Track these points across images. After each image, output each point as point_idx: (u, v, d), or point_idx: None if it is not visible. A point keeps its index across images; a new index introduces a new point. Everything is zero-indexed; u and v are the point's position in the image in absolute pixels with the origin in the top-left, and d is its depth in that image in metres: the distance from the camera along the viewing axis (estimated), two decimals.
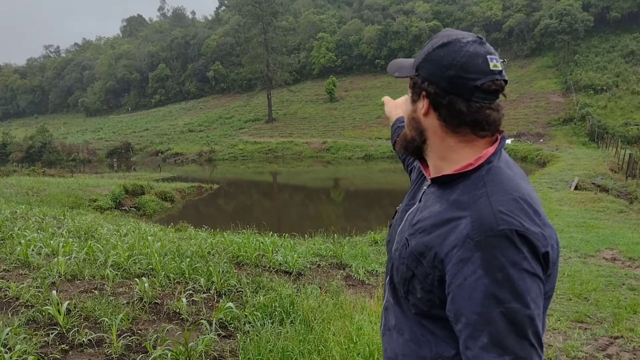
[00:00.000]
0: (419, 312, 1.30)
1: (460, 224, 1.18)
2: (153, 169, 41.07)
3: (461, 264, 1.15)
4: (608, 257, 7.98)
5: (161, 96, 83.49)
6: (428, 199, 1.35)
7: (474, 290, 1.12)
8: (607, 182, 19.58)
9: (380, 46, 68.56)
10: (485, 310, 1.11)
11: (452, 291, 1.17)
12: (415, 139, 1.36)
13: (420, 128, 1.34)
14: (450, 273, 1.17)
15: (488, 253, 1.12)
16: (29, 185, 19.12)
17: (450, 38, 1.27)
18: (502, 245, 1.12)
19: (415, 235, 1.30)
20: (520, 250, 1.13)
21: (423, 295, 1.26)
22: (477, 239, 1.14)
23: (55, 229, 8.20)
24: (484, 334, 1.11)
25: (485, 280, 1.11)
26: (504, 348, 1.10)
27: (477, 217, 1.17)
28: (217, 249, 6.79)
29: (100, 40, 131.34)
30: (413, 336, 1.33)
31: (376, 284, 6.17)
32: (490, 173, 1.25)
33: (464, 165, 1.27)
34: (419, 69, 1.31)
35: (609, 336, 4.60)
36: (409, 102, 1.37)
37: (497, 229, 1.13)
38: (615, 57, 51.77)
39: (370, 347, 3.51)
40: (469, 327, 1.13)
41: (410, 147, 1.39)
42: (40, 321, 3.88)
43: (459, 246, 1.16)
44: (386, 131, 47.48)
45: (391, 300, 1.43)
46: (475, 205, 1.19)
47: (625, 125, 38.54)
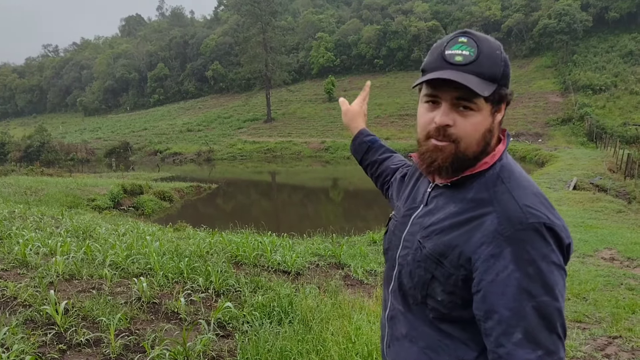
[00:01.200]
0: (438, 316, 1.28)
1: (486, 220, 1.19)
2: (151, 169, 41.02)
3: (492, 260, 1.15)
4: (606, 257, 7.99)
5: (160, 96, 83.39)
6: (438, 201, 1.34)
7: (506, 286, 1.12)
8: (606, 182, 19.59)
9: (379, 46, 68.56)
10: (518, 305, 1.11)
11: (483, 288, 1.16)
12: (479, 152, 1.28)
13: (491, 138, 1.29)
14: (480, 270, 1.17)
15: (519, 247, 1.13)
16: (27, 185, 19.09)
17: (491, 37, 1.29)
18: (532, 239, 1.13)
19: (430, 237, 1.28)
20: (549, 242, 1.14)
21: (444, 298, 1.25)
22: (507, 234, 1.14)
23: (53, 229, 8.18)
24: (518, 330, 1.11)
25: (517, 275, 1.12)
26: (537, 343, 1.10)
27: (503, 213, 1.17)
28: (216, 249, 6.78)
29: (98, 40, 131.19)
30: (430, 343, 1.30)
31: (375, 283, 6.16)
32: (503, 170, 1.27)
33: (480, 164, 1.28)
34: (502, 78, 1.26)
35: (608, 336, 4.60)
36: (487, 116, 1.26)
37: (526, 222, 1.14)
38: (613, 57, 51.85)
39: (369, 347, 3.50)
40: (502, 324, 1.13)
41: (466, 164, 1.28)
42: (38, 321, 3.87)
43: (487, 242, 1.16)
44: (385, 130, 47.54)
45: (400, 308, 1.39)
46: (499, 202, 1.20)
47: (624, 125, 38.57)
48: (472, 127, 1.25)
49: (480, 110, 1.24)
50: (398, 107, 53.54)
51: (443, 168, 1.28)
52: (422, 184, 1.46)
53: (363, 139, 1.97)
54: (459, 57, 1.23)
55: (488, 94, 1.21)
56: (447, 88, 1.23)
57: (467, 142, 1.25)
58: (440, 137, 1.26)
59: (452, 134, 1.25)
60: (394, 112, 52.49)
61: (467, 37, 1.25)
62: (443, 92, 1.25)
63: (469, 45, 1.24)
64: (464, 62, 1.22)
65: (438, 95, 1.26)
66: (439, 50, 1.27)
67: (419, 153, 1.34)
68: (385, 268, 1.52)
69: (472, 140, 1.25)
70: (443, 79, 1.22)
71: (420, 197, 1.42)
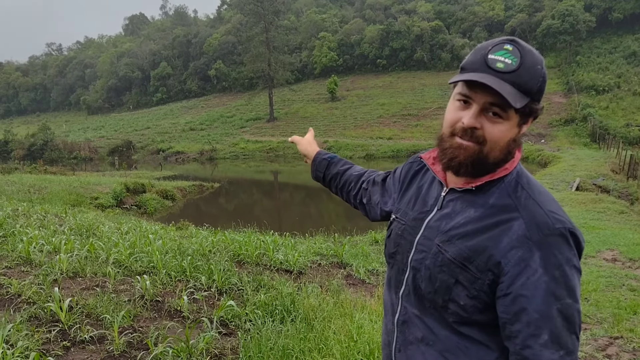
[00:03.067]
0: (459, 320, 1.29)
1: (513, 225, 1.21)
2: (154, 168, 41.08)
3: (522, 263, 1.18)
4: (608, 258, 7.98)
5: (163, 94, 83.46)
6: (455, 205, 1.34)
7: (536, 289, 1.16)
8: (608, 183, 19.56)
9: (382, 46, 68.51)
10: (546, 308, 1.15)
11: (514, 291, 1.18)
12: (499, 161, 1.29)
13: (514, 147, 1.31)
14: (510, 274, 1.19)
15: (547, 252, 1.17)
16: (31, 183, 19.13)
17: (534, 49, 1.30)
18: (559, 244, 1.18)
19: (452, 241, 1.29)
20: (572, 247, 1.19)
21: (467, 302, 1.26)
22: (536, 239, 1.18)
23: (57, 227, 8.21)
24: (545, 332, 1.15)
25: (545, 279, 1.16)
26: (560, 344, 1.16)
27: (530, 218, 1.20)
28: (218, 248, 6.80)
29: (102, 39, 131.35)
30: (449, 346, 1.31)
31: (376, 283, 6.18)
32: (520, 176, 1.30)
33: (500, 170, 1.30)
34: (538, 92, 1.26)
35: (609, 336, 4.61)
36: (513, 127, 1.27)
37: (553, 227, 1.18)
38: (617, 58, 51.78)
39: (371, 346, 3.52)
40: (530, 326, 1.16)
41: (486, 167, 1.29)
42: (42, 318, 3.89)
43: (517, 247, 1.19)
44: (387, 130, 47.52)
45: (415, 312, 1.38)
46: (524, 207, 1.23)
47: (627, 126, 38.51)
48: (499, 134, 1.26)
49: (509, 120, 1.25)
50: (401, 107, 53.50)
51: (463, 165, 1.29)
52: (433, 187, 1.45)
53: (322, 157, 2.08)
54: (501, 64, 1.23)
55: (520, 107, 1.21)
56: (481, 92, 1.24)
57: (491, 147, 1.26)
58: (466, 138, 1.27)
59: (480, 136, 1.26)
60: (396, 112, 52.44)
61: (513, 46, 1.25)
62: (477, 94, 1.25)
63: (513, 54, 1.24)
64: (504, 69, 1.22)
65: (471, 97, 1.27)
66: (483, 53, 1.27)
67: (441, 148, 1.34)
68: (392, 271, 1.50)
69: (496, 146, 1.27)
70: (480, 82, 1.22)
71: (433, 201, 1.42)
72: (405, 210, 1.50)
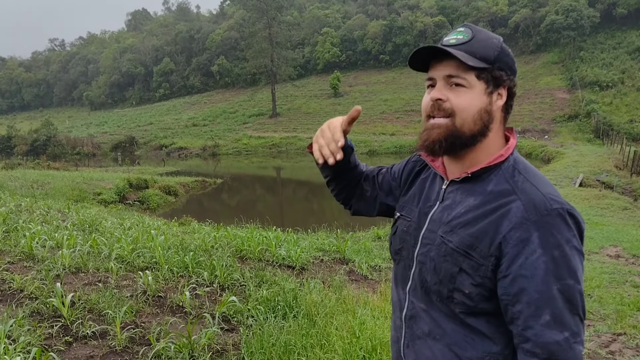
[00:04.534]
0: (465, 310, 1.29)
1: (511, 208, 1.23)
2: (157, 163, 41.11)
3: (521, 244, 1.19)
4: (612, 254, 7.96)
5: (165, 90, 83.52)
6: (455, 196, 1.36)
7: (535, 269, 1.17)
8: (612, 179, 19.51)
9: (385, 41, 68.39)
10: (546, 288, 1.16)
11: (513, 272, 1.20)
12: (477, 133, 1.31)
13: (490, 121, 1.32)
14: (509, 255, 1.20)
15: (545, 231, 1.18)
16: (34, 178, 19.17)
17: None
18: (557, 224, 1.19)
19: (454, 231, 1.30)
20: (571, 228, 1.20)
21: (472, 290, 1.26)
22: (534, 219, 1.19)
23: (59, 222, 8.22)
24: (546, 312, 1.16)
25: (545, 259, 1.17)
26: (563, 324, 1.16)
27: (528, 200, 1.22)
28: (221, 243, 6.80)
29: (105, 34, 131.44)
30: (456, 339, 1.31)
31: (379, 279, 6.17)
32: (517, 162, 1.32)
33: (496, 157, 1.32)
34: (496, 61, 1.30)
35: (612, 333, 4.60)
36: (481, 95, 1.29)
37: (550, 208, 1.20)
38: (621, 53, 51.53)
39: (373, 342, 3.51)
40: (530, 306, 1.17)
41: (462, 142, 1.31)
42: (44, 313, 3.89)
43: (516, 228, 1.20)
44: (390, 126, 47.47)
45: (422, 306, 1.39)
46: (521, 190, 1.25)
47: (631, 122, 38.37)
48: (465, 103, 1.29)
49: (472, 87, 1.29)
50: (404, 102, 53.40)
51: (437, 142, 1.31)
52: (435, 182, 1.47)
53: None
54: (453, 40, 1.31)
55: (472, 64, 1.25)
56: (439, 67, 1.31)
57: (462, 118, 1.29)
58: (435, 112, 1.31)
59: (447, 108, 1.30)
60: (399, 108, 52.36)
61: (465, 27, 1.33)
62: (436, 71, 1.32)
63: (465, 32, 1.32)
64: (456, 43, 1.30)
65: (433, 77, 1.33)
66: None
67: (419, 135, 1.38)
68: (398, 268, 1.51)
69: (466, 115, 1.29)
70: (434, 56, 1.32)
71: (435, 196, 1.43)
72: (410, 207, 1.50)
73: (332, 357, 3.35)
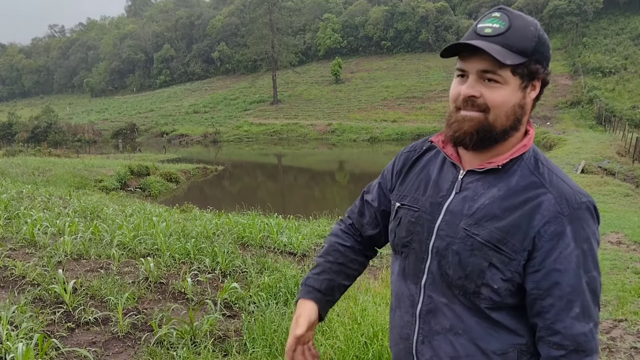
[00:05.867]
0: (491, 305, 1.25)
1: (543, 202, 1.22)
2: (158, 150, 41.11)
3: (556, 238, 1.19)
4: (613, 241, 7.96)
5: (166, 77, 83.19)
6: (476, 187, 1.30)
7: (569, 263, 1.19)
8: (614, 165, 19.47)
9: (387, 27, 67.89)
10: (577, 281, 1.19)
11: (547, 266, 1.20)
12: (509, 127, 1.27)
13: (522, 114, 1.29)
14: (544, 249, 1.20)
15: (577, 225, 1.20)
16: (35, 165, 19.18)
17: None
18: (586, 217, 1.21)
19: (480, 224, 1.25)
20: (596, 221, 1.24)
21: (501, 285, 1.23)
22: (567, 213, 1.20)
23: (61, 209, 8.24)
24: (577, 304, 1.18)
25: (577, 252, 1.19)
26: (590, 316, 1.20)
27: (559, 193, 1.22)
28: (222, 230, 6.81)
29: (104, 20, 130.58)
30: (480, 333, 1.28)
31: (380, 265, 6.18)
32: (537, 153, 1.32)
33: (518, 148, 1.30)
34: (533, 54, 1.23)
35: (613, 319, 4.61)
36: (516, 90, 1.25)
37: (580, 202, 1.21)
38: (624, 39, 51.18)
39: (374, 328, 3.52)
40: (563, 300, 1.19)
41: (494, 137, 1.27)
42: (46, 300, 3.91)
43: (550, 222, 1.20)
44: (392, 113, 47.32)
45: (443, 300, 1.32)
46: (550, 183, 1.24)
47: (633, 108, 38.24)
48: (500, 99, 1.24)
49: (507, 84, 1.23)
50: (405, 89, 53.20)
51: (468, 134, 1.27)
52: (445, 171, 1.39)
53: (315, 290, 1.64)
54: (489, 29, 1.23)
55: (510, 63, 1.20)
56: (473, 60, 1.24)
57: (495, 113, 1.25)
58: (468, 107, 1.27)
59: (481, 104, 1.25)
60: (401, 95, 52.16)
61: (501, 12, 1.25)
62: (469, 64, 1.25)
63: (501, 19, 1.24)
64: (492, 33, 1.22)
65: (465, 68, 1.27)
66: (473, 25, 1.28)
67: (448, 124, 1.33)
68: (407, 261, 1.43)
69: (500, 112, 1.25)
70: (468, 49, 1.23)
71: (449, 185, 1.36)
72: (415, 196, 1.43)
73: (334, 343, 3.36)
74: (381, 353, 3.25)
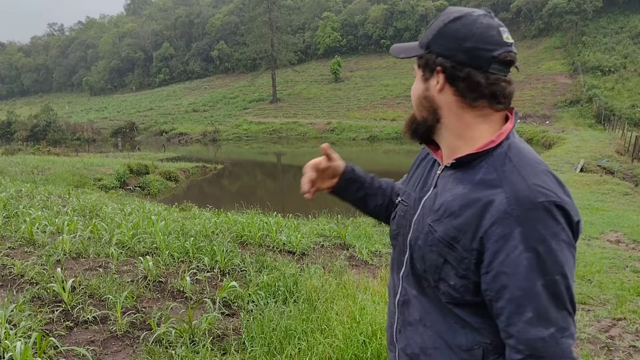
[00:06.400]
0: (451, 300, 1.27)
1: (495, 200, 1.17)
2: (157, 149, 41.09)
3: (502, 240, 1.14)
4: (612, 240, 7.97)
5: (165, 75, 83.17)
6: (446, 183, 1.31)
7: (517, 266, 1.13)
8: (613, 164, 19.48)
9: (386, 26, 67.88)
10: (528, 284, 1.13)
11: (495, 268, 1.16)
12: (427, 119, 1.33)
13: (434, 107, 1.31)
14: (490, 251, 1.16)
15: (529, 227, 1.13)
16: (34, 164, 19.18)
17: (461, 12, 1.27)
18: (543, 218, 1.13)
19: (441, 220, 1.26)
20: (559, 221, 1.14)
21: (457, 282, 1.23)
22: (517, 214, 1.13)
23: (60, 208, 8.23)
24: (529, 309, 1.13)
25: (527, 255, 1.12)
26: (548, 320, 1.13)
27: (512, 192, 1.16)
28: (221, 229, 6.80)
29: (104, 19, 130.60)
30: (445, 327, 1.29)
31: (379, 264, 6.18)
32: (511, 148, 1.24)
33: (486, 143, 1.25)
34: (430, 45, 1.28)
35: (612, 318, 4.61)
36: (419, 81, 1.34)
37: (535, 201, 1.13)
38: (623, 38, 51.12)
39: (373, 327, 3.52)
40: (512, 303, 1.14)
41: (421, 129, 1.36)
42: (45, 298, 3.90)
43: (497, 223, 1.15)
44: (391, 112, 47.33)
45: (414, 292, 1.37)
46: (507, 181, 1.18)
47: (633, 107, 38.18)
48: (412, 91, 1.38)
49: (417, 76, 1.35)
50: (405, 87, 53.12)
51: (405, 127, 1.42)
52: (434, 167, 1.43)
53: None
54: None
55: (404, 56, 1.34)
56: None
57: (413, 105, 1.39)
58: None
59: None
60: (400, 93, 52.11)
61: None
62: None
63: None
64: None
65: None
66: None
67: None
68: (394, 253, 1.50)
69: (413, 103, 1.38)
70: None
71: (430, 181, 1.39)
72: (409, 192, 1.48)
73: (333, 341, 3.35)
74: (380, 352, 3.25)
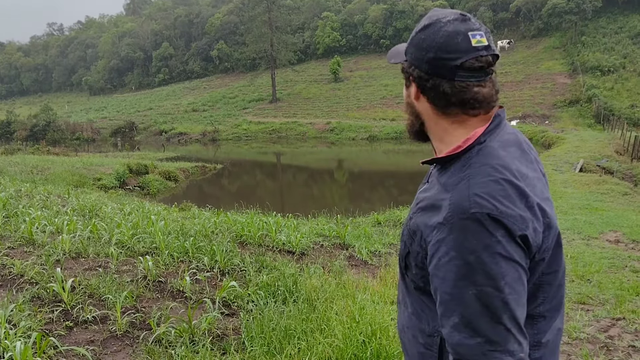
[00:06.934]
0: (417, 287, 1.35)
1: (442, 206, 1.20)
2: (157, 149, 41.07)
3: (437, 244, 1.18)
4: (611, 240, 7.97)
5: (165, 75, 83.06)
6: (433, 180, 1.36)
7: (447, 271, 1.15)
8: (612, 164, 19.48)
9: (386, 26, 67.82)
10: (456, 291, 1.14)
11: (430, 270, 1.21)
12: (414, 123, 1.39)
13: (415, 112, 1.37)
14: (429, 253, 1.21)
15: (460, 236, 1.13)
16: (34, 164, 19.16)
17: (431, 20, 1.27)
18: (473, 229, 1.12)
19: (415, 213, 1.33)
20: (493, 234, 1.12)
21: (417, 272, 1.31)
22: (452, 222, 1.16)
23: (59, 207, 8.22)
24: (455, 314, 1.14)
25: (457, 262, 1.13)
26: (475, 330, 1.12)
27: (454, 200, 1.18)
28: (221, 229, 6.80)
29: (103, 18, 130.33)
30: (414, 310, 1.38)
31: (379, 264, 6.18)
32: (480, 154, 1.23)
33: (453, 148, 1.27)
34: (406, 54, 1.32)
35: (611, 318, 4.61)
36: (404, 87, 1.39)
37: (468, 212, 1.13)
38: (622, 38, 51.08)
39: (373, 327, 3.52)
40: (442, 306, 1.18)
41: (413, 131, 1.41)
42: (44, 298, 3.90)
43: (437, 227, 1.19)
44: (391, 112, 47.30)
45: (400, 275, 1.48)
46: (456, 188, 1.20)
47: (632, 107, 38.14)
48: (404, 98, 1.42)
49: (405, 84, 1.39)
50: None
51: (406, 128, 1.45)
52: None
53: None
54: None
55: (393, 62, 1.39)
56: None
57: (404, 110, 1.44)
58: None
59: None
60: (400, 93, 51.58)
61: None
62: None
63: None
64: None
65: None
66: None
67: None
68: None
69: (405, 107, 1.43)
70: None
71: (428, 176, 1.46)
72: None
73: (332, 341, 3.36)
74: (379, 351, 3.25)
